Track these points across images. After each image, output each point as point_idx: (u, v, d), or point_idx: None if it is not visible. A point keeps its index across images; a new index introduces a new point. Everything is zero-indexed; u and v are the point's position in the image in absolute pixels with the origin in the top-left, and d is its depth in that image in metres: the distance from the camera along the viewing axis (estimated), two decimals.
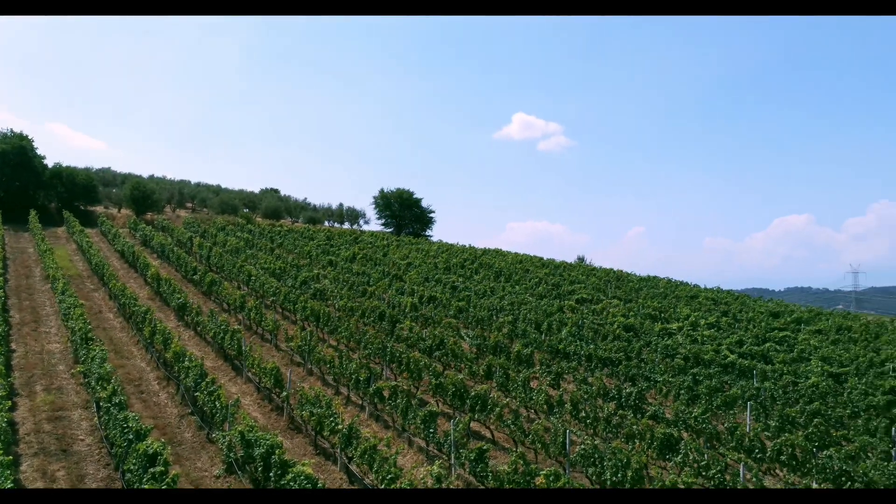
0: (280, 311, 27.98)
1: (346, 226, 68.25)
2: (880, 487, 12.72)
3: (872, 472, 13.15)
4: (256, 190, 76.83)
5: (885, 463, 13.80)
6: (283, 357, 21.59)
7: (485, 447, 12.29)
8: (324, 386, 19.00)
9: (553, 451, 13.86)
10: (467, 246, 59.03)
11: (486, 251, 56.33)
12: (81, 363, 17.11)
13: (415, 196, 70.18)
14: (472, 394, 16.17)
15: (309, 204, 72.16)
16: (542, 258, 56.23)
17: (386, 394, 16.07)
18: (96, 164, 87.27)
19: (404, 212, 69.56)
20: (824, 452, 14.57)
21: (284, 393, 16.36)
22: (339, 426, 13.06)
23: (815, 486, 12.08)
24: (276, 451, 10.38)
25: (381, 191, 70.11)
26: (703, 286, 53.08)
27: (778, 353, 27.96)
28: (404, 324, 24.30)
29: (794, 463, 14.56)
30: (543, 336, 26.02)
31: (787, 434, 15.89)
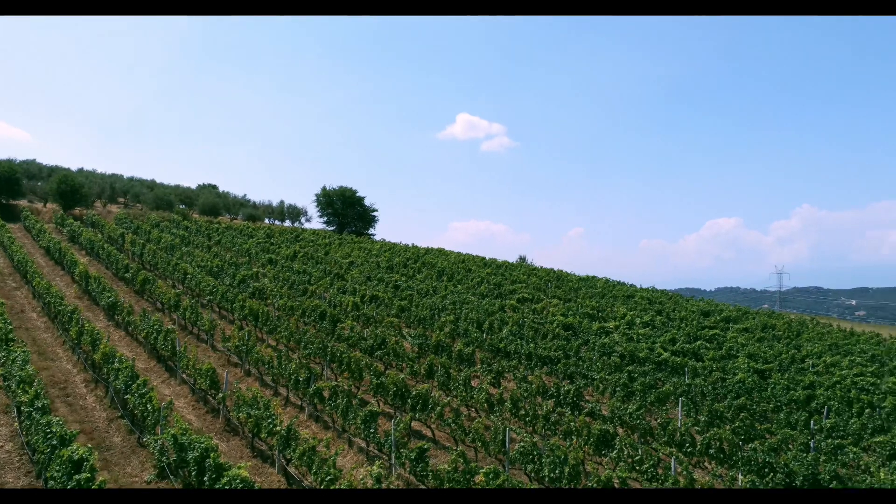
0: (217, 310, 27.25)
1: (288, 223, 67.05)
2: (800, 477, 13.41)
3: (793, 463, 13.85)
4: (193, 186, 74.59)
5: (805, 454, 14.55)
6: (220, 358, 21.04)
7: (425, 446, 12.30)
8: (262, 387, 18.62)
9: (493, 449, 14.01)
10: (410, 245, 58.96)
11: (428, 250, 56.41)
12: (1, 366, 16.22)
13: (358, 194, 69.60)
14: (414, 393, 16.17)
15: (249, 201, 70.55)
16: (484, 258, 56.72)
17: (326, 394, 15.89)
18: (19, 156, 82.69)
19: (347, 210, 68.85)
20: (749, 445, 15.25)
21: (221, 394, 15.95)
22: (278, 428, 12.83)
23: (740, 477, 12.63)
24: (212, 455, 10.11)
25: (324, 188, 69.20)
26: (639, 286, 54.72)
27: (708, 350, 29.07)
28: (346, 323, 24.07)
29: (721, 456, 15.19)
30: (485, 335, 26.26)
31: (715, 428, 16.56)
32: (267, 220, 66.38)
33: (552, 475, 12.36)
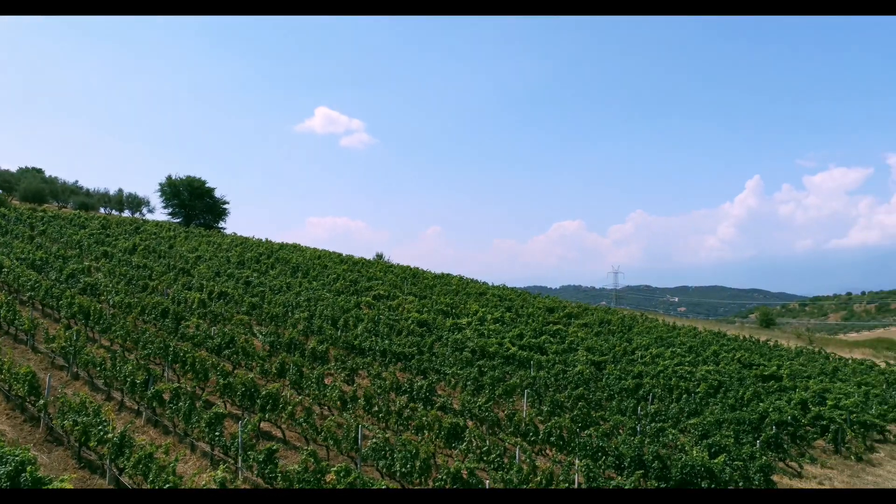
0: (40, 307, 24.53)
1: (127, 214, 61.78)
2: (627, 459, 14.70)
3: (622, 446, 15.16)
4: (13, 168, 66.47)
5: (633, 438, 15.99)
6: (43, 360, 18.98)
7: (275, 447, 11.96)
8: (93, 391, 17.05)
9: (345, 446, 13.93)
10: (264, 240, 56.84)
11: (283, 246, 54.74)
12: None
13: (207, 185, 65.76)
14: (264, 393, 15.64)
15: (81, 188, 64.03)
16: (341, 254, 56.12)
17: (166, 397, 14.89)
18: None
19: (195, 201, 64.80)
20: (586, 432, 16.47)
21: (42, 401, 14.39)
22: (110, 435, 11.83)
23: (577, 462, 13.59)
24: (28, 469, 9.10)
25: (169, 178, 64.54)
26: (491, 284, 56.98)
27: (552, 344, 30.94)
28: (191, 321, 22.72)
29: (561, 443, 16.26)
30: (340, 332, 26.00)
31: (556, 417, 17.69)
32: (103, 210, 60.78)
33: (403, 470, 12.54)
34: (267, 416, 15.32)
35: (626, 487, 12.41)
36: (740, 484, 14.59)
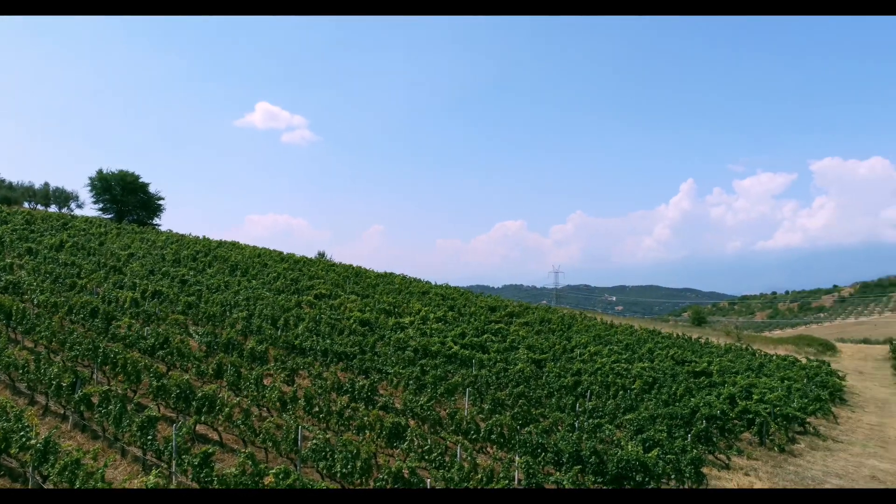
0: None
1: (54, 209, 58.99)
2: (566, 454, 15.01)
3: (561, 442, 15.47)
4: None
5: (571, 434, 16.34)
6: None
7: (211, 450, 11.65)
8: (14, 395, 16.20)
9: (285, 448, 13.70)
10: (201, 237, 55.26)
11: (221, 243, 53.36)
12: None
13: (141, 180, 63.41)
14: (200, 395, 15.20)
15: (3, 181, 60.67)
16: (282, 253, 55.15)
17: (95, 400, 14.29)
18: None
19: (128, 197, 62.35)
20: (526, 429, 16.73)
21: None
22: (33, 441, 11.27)
23: (517, 459, 13.79)
24: None
25: (100, 172, 61.84)
26: (434, 283, 57.15)
27: (494, 343, 31.28)
28: (122, 321, 21.87)
29: (502, 440, 16.46)
30: (280, 332, 25.55)
31: (497, 415, 17.89)
32: (27, 205, 57.80)
33: (344, 470, 12.44)
34: (203, 418, 14.91)
35: (565, 483, 12.67)
36: (672, 477, 15.12)
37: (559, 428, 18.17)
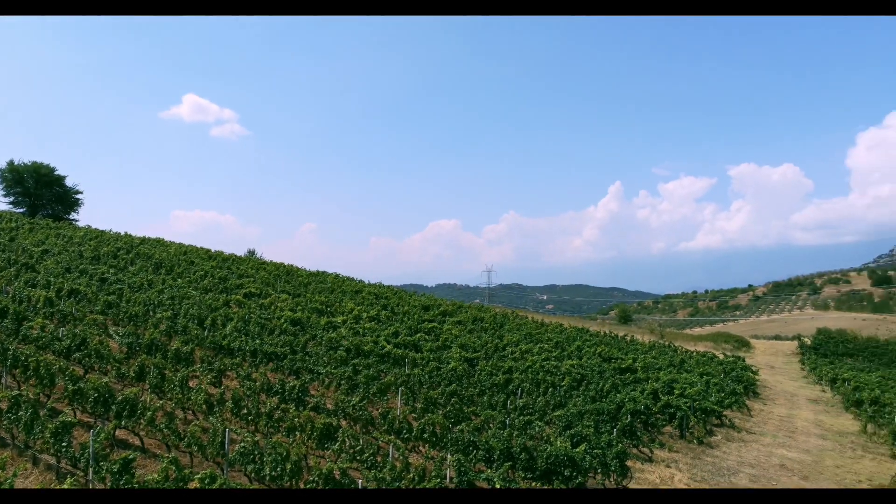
0: None
1: None
2: (497, 451, 15.23)
3: (492, 440, 15.69)
4: None
5: (502, 431, 16.60)
6: None
7: (132, 456, 11.17)
8: None
9: (211, 452, 13.30)
10: (123, 234, 52.86)
11: (145, 240, 51.21)
12: None
13: (57, 173, 60.05)
14: (120, 398, 14.55)
15: None
16: (209, 250, 53.43)
17: (4, 405, 13.45)
18: None
19: (42, 190, 58.91)
20: (458, 427, 16.87)
21: None
22: None
23: (448, 457, 13.89)
24: None
25: (11, 163, 58.17)
26: (367, 282, 56.76)
27: (427, 342, 31.35)
28: (35, 321, 20.67)
29: (434, 439, 16.54)
30: (207, 332, 24.76)
31: (430, 414, 17.95)
32: None
33: (273, 473, 12.20)
34: (123, 423, 14.28)
35: (495, 480, 12.86)
36: (599, 471, 15.59)
37: (491, 425, 18.41)
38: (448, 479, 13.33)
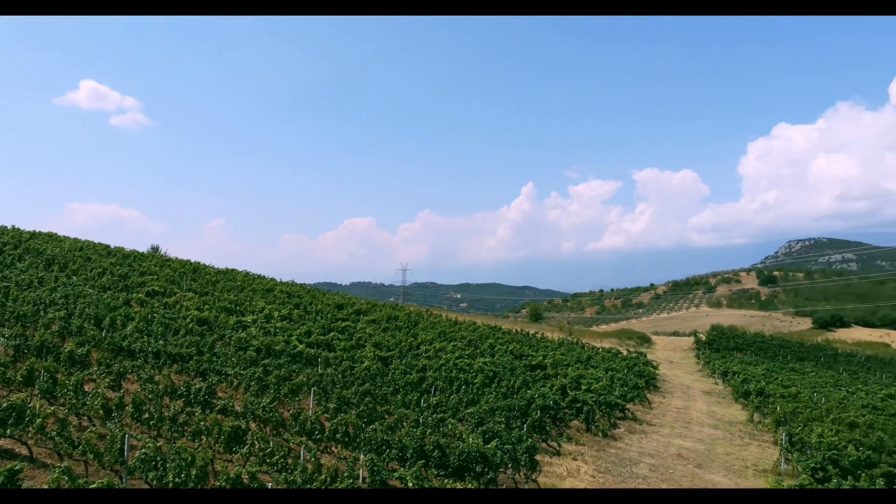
0: None
1: None
2: (410, 450, 15.29)
3: (406, 438, 15.73)
4: None
5: (415, 429, 16.66)
6: None
7: (18, 467, 10.41)
8: None
9: (108, 459, 12.59)
10: (10, 227, 49.00)
11: (35, 235, 47.72)
12: None
13: None
14: (5, 405, 13.52)
15: None
16: (108, 246, 50.47)
17: None
18: None
19: None
20: (371, 427, 16.80)
21: None
22: None
23: (361, 457, 13.80)
24: None
25: None
26: (279, 280, 55.44)
27: (340, 341, 31.00)
28: None
29: (347, 439, 16.39)
30: (105, 333, 23.38)
31: (342, 414, 17.78)
32: None
33: (177, 479, 11.71)
34: (9, 431, 13.28)
35: (408, 478, 12.91)
36: (509, 466, 15.96)
37: (404, 424, 18.44)
38: (361, 480, 13.26)
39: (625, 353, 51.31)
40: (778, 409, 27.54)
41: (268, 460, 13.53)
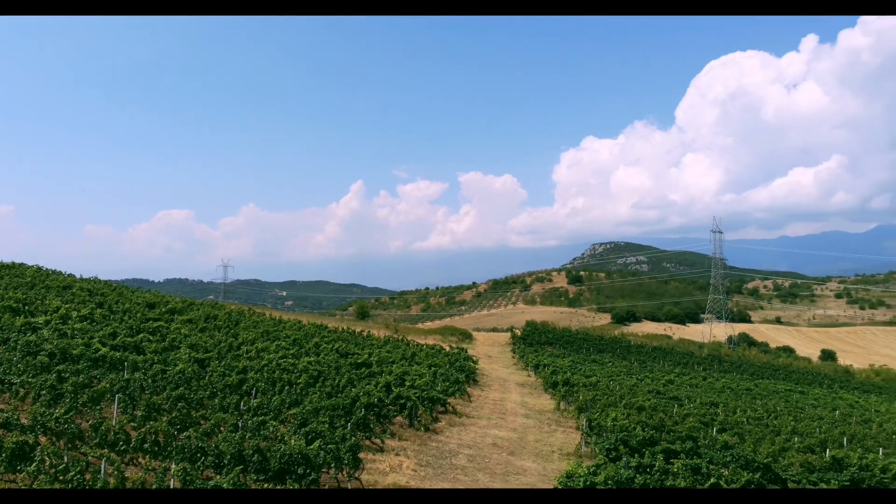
0: None
1: None
2: (227, 456, 14.64)
3: (222, 444, 15.03)
4: None
5: (234, 434, 15.98)
6: None
7: None
8: None
9: None
10: None
11: None
12: None
13: None
14: None
15: None
16: None
17: None
18: None
19: None
20: (184, 434, 15.82)
21: None
22: None
23: (173, 466, 12.96)
24: None
25: None
26: (79, 276, 50.06)
27: (151, 343, 28.73)
28: None
29: (156, 448, 15.28)
30: None
31: (152, 422, 16.54)
32: None
33: None
34: None
35: (224, 486, 12.39)
36: (332, 465, 15.92)
37: (222, 429, 17.60)
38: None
39: (447, 349, 53.29)
40: (580, 397, 30.32)
41: (61, 477, 12.21)
